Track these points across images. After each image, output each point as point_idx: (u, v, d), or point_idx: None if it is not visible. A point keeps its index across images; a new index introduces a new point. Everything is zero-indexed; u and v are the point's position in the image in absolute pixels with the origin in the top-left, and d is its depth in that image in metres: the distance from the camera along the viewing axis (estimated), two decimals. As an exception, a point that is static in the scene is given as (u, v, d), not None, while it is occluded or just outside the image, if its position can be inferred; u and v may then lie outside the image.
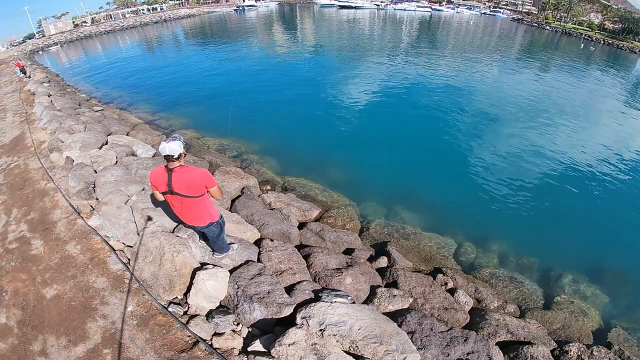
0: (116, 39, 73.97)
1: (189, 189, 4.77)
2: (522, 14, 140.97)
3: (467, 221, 10.70)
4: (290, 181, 11.74)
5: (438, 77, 28.75)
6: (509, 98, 24.18)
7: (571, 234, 10.64)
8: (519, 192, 12.56)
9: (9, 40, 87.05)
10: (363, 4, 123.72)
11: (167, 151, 4.50)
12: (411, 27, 78.98)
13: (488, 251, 9.50)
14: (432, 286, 6.98)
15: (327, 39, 54.56)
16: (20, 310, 5.66)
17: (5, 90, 26.14)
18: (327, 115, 19.32)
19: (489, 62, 39.19)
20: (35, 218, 8.24)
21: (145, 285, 5.84)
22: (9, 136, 14.54)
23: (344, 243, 8.25)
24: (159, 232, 6.28)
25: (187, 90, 25.21)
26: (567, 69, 39.67)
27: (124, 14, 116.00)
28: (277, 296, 5.40)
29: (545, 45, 70.00)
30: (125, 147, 11.45)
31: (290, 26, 75.12)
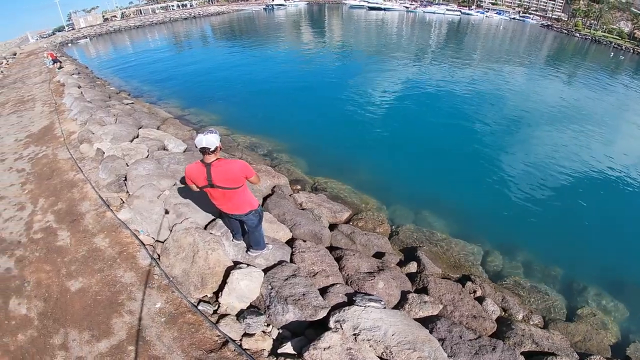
0: (145, 34, 74.73)
1: (229, 181, 4.73)
2: (552, 20, 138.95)
3: (494, 228, 10.57)
4: (320, 181, 11.70)
5: (466, 82, 28.37)
6: (537, 104, 23.77)
7: (597, 246, 10.44)
8: (546, 201, 12.36)
9: (39, 32, 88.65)
10: (392, 6, 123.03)
11: (204, 143, 4.45)
12: (440, 30, 78.22)
13: (514, 260, 9.39)
14: (462, 294, 6.91)
15: (355, 40, 54.46)
16: (42, 302, 5.60)
17: (35, 80, 26.50)
18: (355, 116, 19.19)
19: (518, 68, 38.54)
20: (62, 209, 8.17)
21: (175, 282, 5.78)
22: (37, 126, 14.58)
23: (374, 246, 8.16)
24: (192, 229, 6.25)
25: (216, 87, 25.40)
26: (596, 78, 38.81)
27: (153, 10, 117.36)
28: (312, 298, 5.31)
29: (574, 52, 68.72)
30: (156, 141, 11.44)
31: (318, 26, 75.28)
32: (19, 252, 6.82)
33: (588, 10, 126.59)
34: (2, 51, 62.06)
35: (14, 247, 6.96)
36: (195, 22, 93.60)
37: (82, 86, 20.87)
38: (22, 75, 30.68)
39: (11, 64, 42.32)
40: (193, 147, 11.63)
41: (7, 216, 8.09)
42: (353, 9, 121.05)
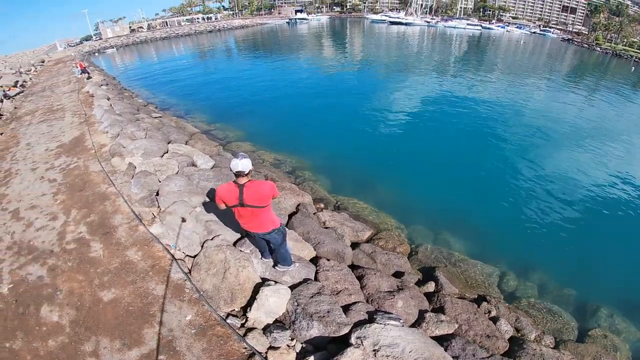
0: (171, 45, 76.51)
1: (259, 200, 5.23)
2: (572, 34, 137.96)
3: (511, 248, 10.74)
4: (342, 200, 11.99)
5: (487, 97, 28.47)
6: (558, 121, 23.67)
7: (614, 267, 10.47)
8: (564, 220, 12.42)
9: (67, 41, 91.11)
10: (414, 21, 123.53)
11: (240, 167, 5.06)
12: (461, 44, 78.15)
13: (529, 280, 9.53)
14: (477, 313, 7.13)
15: (377, 54, 54.90)
16: (74, 310, 5.83)
17: (63, 89, 27.19)
18: (375, 132, 19.53)
19: (539, 83, 38.33)
20: (95, 221, 8.42)
21: (205, 296, 6.07)
22: (68, 136, 14.93)
23: (394, 266, 8.43)
24: (224, 246, 6.66)
25: (240, 101, 26.10)
26: (618, 93, 38.23)
27: (179, 22, 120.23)
28: (336, 316, 5.63)
29: (594, 67, 67.92)
30: (185, 157, 11.84)
31: (340, 40, 75.91)
32: (52, 261, 7.05)
33: (608, 23, 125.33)
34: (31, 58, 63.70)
35: (47, 256, 7.20)
36: (219, 35, 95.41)
37: (111, 98, 21.39)
38: (50, 83, 31.54)
39: (40, 72, 43.47)
40: (220, 163, 12.16)
41: (39, 225, 8.37)
42: (375, 24, 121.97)
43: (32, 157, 12.85)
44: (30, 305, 6.01)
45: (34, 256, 7.26)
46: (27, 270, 6.89)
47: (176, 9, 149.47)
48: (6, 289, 6.44)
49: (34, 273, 6.77)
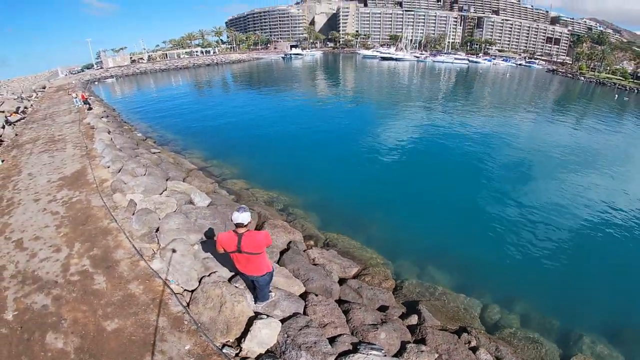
0: (170, 77, 77.71)
1: (254, 248, 5.93)
2: (557, 64, 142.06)
3: (494, 280, 11.25)
4: (332, 237, 12.49)
5: (474, 131, 29.61)
6: (542, 152, 24.74)
7: (597, 294, 11.00)
8: (547, 251, 12.95)
9: (69, 68, 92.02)
10: (404, 56, 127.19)
11: (240, 220, 5.81)
12: (449, 78, 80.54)
13: (512, 311, 9.98)
14: (457, 344, 7.58)
15: (368, 88, 56.88)
16: (79, 338, 6.13)
17: (65, 119, 27.67)
18: (366, 169, 20.29)
19: (524, 115, 39.75)
20: (98, 255, 8.75)
21: (203, 327, 6.53)
22: (70, 169, 15.23)
23: (379, 300, 8.93)
24: (220, 282, 7.27)
25: (237, 136, 27.06)
26: (602, 121, 39.76)
27: (178, 54, 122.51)
28: (322, 346, 6.18)
29: (579, 96, 69.89)
30: (183, 195, 12.48)
31: (333, 75, 78.06)
32: (56, 291, 7.34)
33: (591, 52, 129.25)
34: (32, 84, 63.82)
35: (51, 286, 7.50)
36: (217, 69, 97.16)
37: (112, 131, 21.99)
38: (51, 111, 32.00)
39: (41, 98, 44.02)
40: (216, 201, 12.73)
41: (43, 256, 8.69)
42: (366, 59, 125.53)
43: (34, 188, 13.17)
44: (36, 332, 6.31)
45: (38, 285, 7.56)
46: (32, 299, 7.17)
47: (176, 41, 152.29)
48: (11, 315, 6.72)
49: (39, 302, 7.05)
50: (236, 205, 12.62)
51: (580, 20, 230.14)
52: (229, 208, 11.89)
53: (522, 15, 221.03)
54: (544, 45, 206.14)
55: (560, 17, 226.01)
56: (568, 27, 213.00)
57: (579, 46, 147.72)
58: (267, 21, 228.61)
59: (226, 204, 12.86)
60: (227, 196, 14.67)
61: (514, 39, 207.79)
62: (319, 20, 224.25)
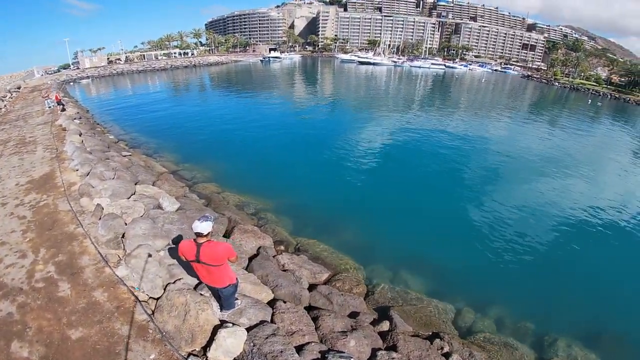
0: (146, 79, 76.56)
1: (213, 260, 5.75)
2: (532, 70, 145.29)
3: (468, 284, 11.23)
4: (303, 242, 12.31)
5: (449, 135, 29.88)
6: (516, 156, 25.09)
7: (571, 297, 11.07)
8: (521, 254, 13.04)
9: (45, 68, 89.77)
10: (382, 61, 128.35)
11: (199, 229, 5.58)
12: (426, 83, 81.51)
13: (486, 316, 9.94)
14: (429, 350, 7.47)
15: (346, 92, 56.90)
16: (44, 347, 5.98)
17: (37, 120, 26.98)
18: (340, 173, 20.15)
19: (499, 119, 40.43)
20: (63, 261, 8.53)
21: (167, 336, 6.37)
22: (38, 172, 14.87)
23: (350, 306, 8.78)
24: (185, 290, 7.05)
25: (210, 139, 26.62)
26: (575, 125, 40.83)
27: (156, 56, 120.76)
28: (288, 355, 6.01)
29: (554, 101, 71.46)
30: (151, 199, 12.10)
31: (311, 78, 78.05)
32: (21, 298, 7.15)
33: (566, 59, 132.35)
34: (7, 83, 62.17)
35: (16, 294, 7.29)
36: (195, 71, 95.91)
37: (83, 133, 21.39)
38: (24, 112, 31.21)
39: (15, 98, 42.83)
40: (185, 205, 12.46)
41: (9, 262, 8.44)
42: (344, 63, 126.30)
43: (1, 192, 12.83)
44: (0, 340, 6.15)
45: (3, 292, 7.36)
46: (-3, 306, 6.91)
47: (155, 42, 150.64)
48: (-24, 323, 6.45)
49: (4, 309, 6.88)
50: (206, 211, 12.41)
51: (556, 27, 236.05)
52: (198, 213, 11.59)
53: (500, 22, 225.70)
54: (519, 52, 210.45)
55: (537, 24, 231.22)
56: (544, 34, 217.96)
57: (554, 52, 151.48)
58: (246, 24, 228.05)
59: (196, 208, 12.59)
60: (198, 200, 14.35)
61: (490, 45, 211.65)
62: (298, 24, 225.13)
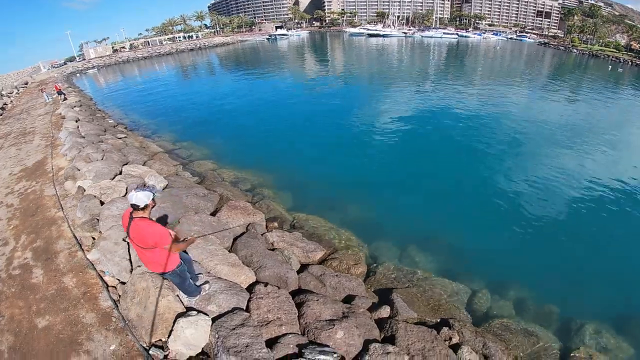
0: (152, 64, 76.80)
1: (139, 241, 4.77)
2: (549, 37, 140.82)
3: (485, 263, 9.95)
4: (300, 218, 11.32)
5: (465, 106, 27.94)
6: (537, 126, 23.08)
7: (601, 277, 9.69)
8: (545, 230, 11.65)
9: (51, 62, 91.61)
10: (391, 32, 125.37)
11: (134, 200, 4.59)
12: (439, 53, 78.84)
13: (504, 298, 8.74)
14: (434, 341, 6.36)
15: (356, 67, 54.84)
16: (13, 337, 5.74)
17: (39, 112, 27.12)
18: (350, 147, 18.98)
19: (517, 88, 37.93)
20: (40, 246, 8.29)
21: (130, 325, 5.80)
22: (32, 160, 14.83)
23: (345, 289, 7.73)
24: (147, 274, 6.22)
25: (214, 119, 25.63)
26: (598, 92, 38.23)
27: (161, 41, 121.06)
28: (254, 350, 5.11)
29: (573, 68, 68.51)
30: (137, 179, 11.53)
31: (320, 54, 76.22)
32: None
33: (583, 25, 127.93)
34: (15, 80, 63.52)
35: None
36: (201, 53, 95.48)
37: (81, 119, 21.25)
38: (29, 106, 31.39)
39: (22, 94, 43.27)
40: (174, 183, 11.72)
41: None
42: (353, 37, 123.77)
43: None
44: None
45: None
46: (-26, 295, 6.73)
47: (158, 28, 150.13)
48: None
49: None
50: (196, 188, 11.58)
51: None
52: (186, 190, 10.97)
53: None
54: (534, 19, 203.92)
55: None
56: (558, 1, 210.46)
57: (570, 19, 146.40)
58: (250, 3, 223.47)
59: (185, 186, 11.81)
60: (190, 178, 13.58)
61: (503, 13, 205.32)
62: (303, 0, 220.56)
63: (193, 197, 10.68)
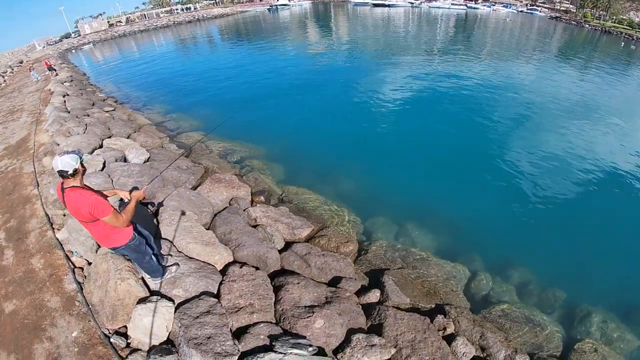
0: (150, 37, 75.51)
1: (77, 214, 4.11)
2: (560, 11, 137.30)
3: (488, 243, 9.24)
4: (290, 191, 10.67)
5: (471, 79, 26.60)
6: (547, 101, 21.75)
7: (610, 262, 8.87)
8: (553, 209, 10.84)
9: (46, 40, 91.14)
10: (397, 2, 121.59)
11: (60, 166, 3.83)
12: (447, 25, 76.64)
13: (506, 282, 8.09)
14: (426, 332, 5.73)
15: (360, 38, 53.05)
16: None
17: (30, 89, 26.71)
18: (349, 118, 18.11)
19: (527, 63, 36.39)
20: (13, 226, 8.00)
21: (93, 310, 5.40)
22: (16, 137, 14.57)
23: (332, 270, 7.04)
24: (109, 254, 5.62)
25: (208, 91, 24.63)
26: (610, 68, 36.48)
27: (158, 14, 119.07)
28: (217, 343, 4.53)
29: (584, 44, 66.57)
30: (117, 152, 11.08)
31: (324, 25, 74.20)
32: None
33: (596, 0, 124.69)
34: (9, 60, 63.25)
35: None
36: (199, 25, 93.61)
37: (70, 94, 20.77)
38: (21, 84, 31.00)
39: (16, 73, 43.13)
40: (157, 156, 11.24)
41: None
42: (357, 7, 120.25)
43: None
44: None
45: None
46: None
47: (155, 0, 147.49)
48: None
49: None
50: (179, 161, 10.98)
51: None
52: (168, 163, 10.26)
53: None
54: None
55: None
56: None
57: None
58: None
59: (168, 158, 11.22)
60: (175, 150, 12.97)
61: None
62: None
63: (174, 170, 10.02)
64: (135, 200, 4.44)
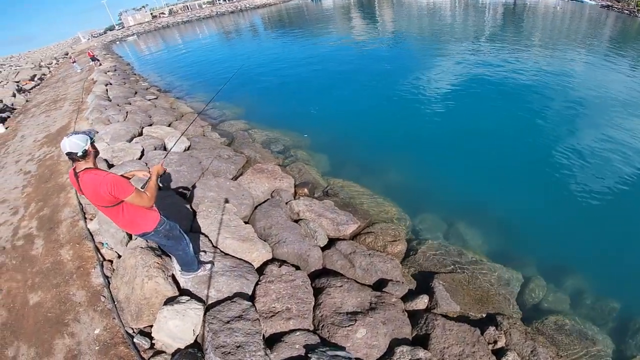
0: (193, 28, 76.96)
1: (96, 199, 3.68)
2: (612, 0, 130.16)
3: (542, 245, 8.39)
4: (336, 184, 10.11)
5: (522, 71, 24.84)
6: (610, 96, 19.96)
7: None
8: (611, 213, 9.69)
9: (91, 32, 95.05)
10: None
11: (68, 148, 3.41)
12: (495, 13, 74.23)
13: (560, 289, 7.29)
14: (475, 345, 5.10)
15: (406, 28, 52.02)
16: (7, 312, 5.45)
17: (74, 79, 27.51)
18: (397, 110, 17.27)
19: (579, 54, 34.48)
20: (46, 215, 7.93)
21: (118, 307, 5.14)
22: (57, 126, 14.74)
23: (378, 272, 6.39)
24: (138, 249, 5.25)
25: (253, 80, 24.30)
26: None
27: (200, 5, 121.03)
28: (247, 353, 4.05)
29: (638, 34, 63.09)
30: (157, 140, 10.90)
31: (368, 14, 73.28)
32: (1, 258, 6.71)
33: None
34: (55, 52, 65.92)
35: None
36: (242, 15, 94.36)
37: (112, 83, 21.15)
38: (66, 75, 32.00)
39: (61, 64, 44.99)
40: (198, 145, 11.11)
41: (2, 220, 8.00)
42: None
43: (20, 150, 12.83)
44: None
45: None
46: (-21, 267, 6.56)
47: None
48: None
49: None
50: (220, 149, 10.63)
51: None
52: (209, 152, 10.08)
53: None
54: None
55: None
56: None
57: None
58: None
59: (210, 147, 10.86)
60: (217, 139, 12.57)
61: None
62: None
63: (215, 159, 9.64)
64: (155, 174, 4.00)
